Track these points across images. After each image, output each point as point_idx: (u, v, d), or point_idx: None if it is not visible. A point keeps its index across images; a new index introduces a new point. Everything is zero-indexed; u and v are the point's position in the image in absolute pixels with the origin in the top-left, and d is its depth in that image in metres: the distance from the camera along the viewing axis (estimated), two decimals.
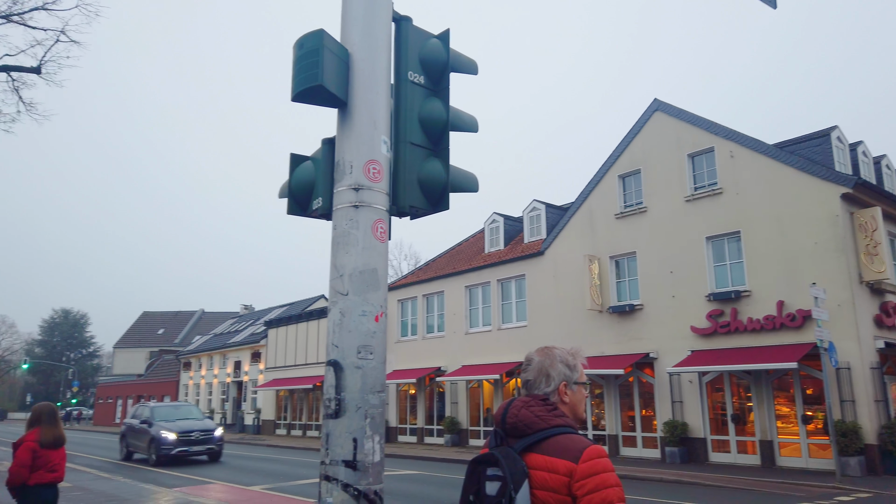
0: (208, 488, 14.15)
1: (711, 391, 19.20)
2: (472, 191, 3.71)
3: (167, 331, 73.83)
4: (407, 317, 30.83)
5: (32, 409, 5.85)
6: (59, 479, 5.62)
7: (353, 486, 2.58)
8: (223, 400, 44.78)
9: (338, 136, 3.29)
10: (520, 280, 25.60)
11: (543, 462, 2.09)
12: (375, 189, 3.12)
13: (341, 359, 2.79)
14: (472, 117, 3.82)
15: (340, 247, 3.03)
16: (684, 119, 20.97)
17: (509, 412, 2.25)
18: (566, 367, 2.36)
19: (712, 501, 11.63)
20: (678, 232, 20.30)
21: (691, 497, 12.32)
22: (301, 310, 40.29)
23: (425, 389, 28.77)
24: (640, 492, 13.11)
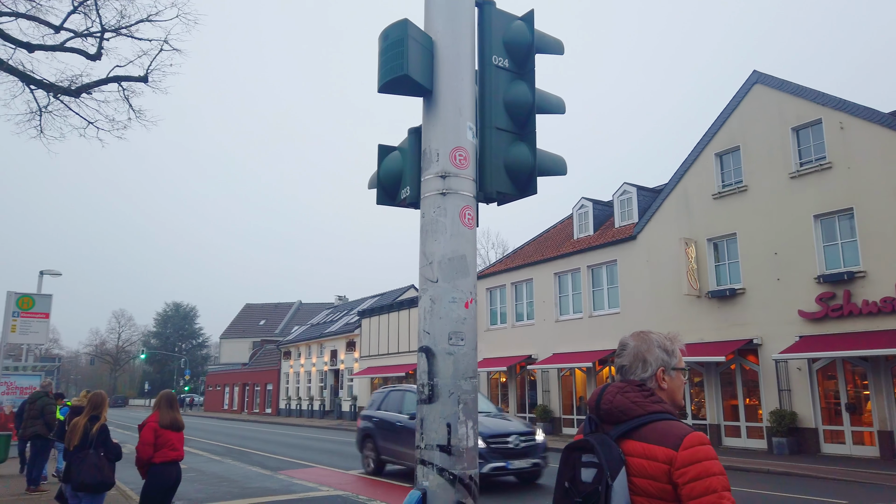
0: (309, 471, 14.79)
1: (823, 379, 18.02)
2: (560, 174, 3.64)
3: (268, 322, 77.59)
4: (496, 305, 30.83)
5: (157, 396, 6.39)
6: (180, 458, 6.06)
7: (448, 471, 2.61)
8: (321, 387, 46.59)
9: (424, 125, 3.32)
10: (611, 266, 24.98)
11: (641, 449, 2.03)
12: (462, 176, 3.13)
13: (433, 345, 2.82)
14: (558, 99, 3.75)
15: (429, 234, 3.06)
16: (787, 90, 19.67)
17: (604, 398, 2.20)
18: (664, 351, 2.28)
19: (827, 494, 10.93)
20: (782, 211, 19.12)
21: (803, 490, 11.64)
22: (392, 300, 41.19)
23: (516, 377, 28.72)
24: (746, 484, 12.54)
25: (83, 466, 6.00)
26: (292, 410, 49.07)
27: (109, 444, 6.22)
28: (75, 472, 5.98)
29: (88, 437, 6.15)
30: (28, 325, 14.29)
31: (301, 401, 48.29)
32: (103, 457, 6.11)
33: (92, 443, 6.12)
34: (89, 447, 6.09)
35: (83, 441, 6.14)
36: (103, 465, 6.07)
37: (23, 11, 11.99)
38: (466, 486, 2.63)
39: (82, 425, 6.21)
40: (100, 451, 6.12)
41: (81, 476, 5.98)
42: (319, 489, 11.91)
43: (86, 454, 6.05)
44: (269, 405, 54.22)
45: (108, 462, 6.12)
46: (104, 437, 6.20)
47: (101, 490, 6.14)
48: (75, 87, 12.68)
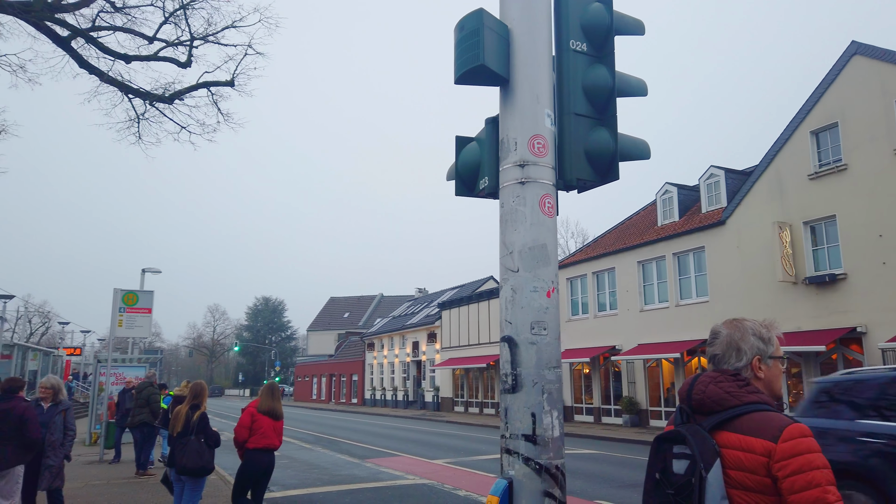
0: (396, 460, 15.12)
1: None
2: (643, 158, 3.54)
3: (352, 314, 79.72)
4: (577, 295, 30.36)
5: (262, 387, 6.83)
6: (273, 447, 6.37)
7: (535, 460, 2.60)
8: (404, 378, 47.45)
9: (501, 114, 3.31)
10: (698, 252, 24.04)
11: (737, 441, 1.96)
12: (541, 164, 3.10)
13: (515, 335, 2.81)
14: (639, 80, 3.64)
15: (508, 224, 3.05)
16: (890, 60, 18.23)
17: (696, 388, 2.13)
18: (759, 339, 2.18)
19: None
20: (888, 190, 17.78)
21: None
22: (472, 291, 41.36)
23: (600, 369, 28.20)
24: None
25: (185, 452, 6.37)
26: (377, 400, 50.26)
27: (209, 431, 6.56)
28: (178, 457, 6.36)
29: (190, 424, 6.51)
30: (133, 319, 15.30)
31: (385, 391, 49.39)
32: (203, 443, 6.45)
33: (193, 429, 6.48)
34: (191, 434, 6.45)
35: (185, 428, 6.51)
36: (203, 451, 6.41)
37: (120, 25, 12.80)
38: (553, 476, 2.61)
39: (184, 413, 6.60)
40: (200, 437, 6.46)
41: (184, 461, 6.35)
42: (406, 477, 12.16)
43: (187, 440, 6.42)
44: (355, 395, 55.76)
45: (207, 448, 6.46)
46: (204, 424, 6.56)
47: (201, 474, 6.49)
48: (169, 94, 13.42)
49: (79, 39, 12.30)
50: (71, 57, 12.40)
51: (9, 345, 25.27)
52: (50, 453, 6.69)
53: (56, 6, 11.55)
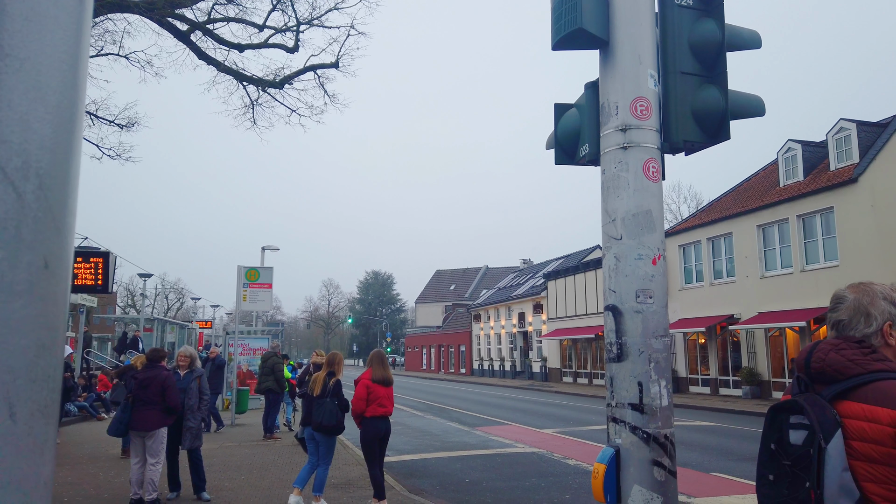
0: (505, 429, 15.34)
1: None
2: (757, 115, 3.33)
3: (457, 286, 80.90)
4: (690, 262, 29.10)
5: (370, 354, 7.14)
6: (388, 413, 6.70)
7: (642, 429, 2.57)
8: (511, 349, 47.73)
9: (601, 78, 3.22)
10: (826, 214, 22.26)
11: (860, 410, 1.85)
12: (644, 127, 3.00)
13: (619, 303, 2.77)
14: (752, 32, 3.41)
15: (611, 191, 2.99)
16: None
17: (814, 356, 2.03)
18: (891, 304, 2.03)
19: None
20: None
21: None
22: (577, 261, 40.69)
23: (716, 338, 26.99)
24: None
25: (322, 412, 6.99)
26: (484, 371, 50.97)
27: (342, 395, 7.14)
28: (316, 417, 6.99)
29: (326, 388, 7.14)
30: (255, 294, 16.37)
31: (492, 361, 49.96)
32: (337, 405, 7.02)
33: (329, 393, 7.09)
34: (327, 397, 7.06)
35: (322, 392, 7.15)
36: (336, 412, 7.00)
37: (232, 16, 13.51)
38: (662, 445, 2.57)
39: (322, 379, 7.24)
40: (334, 400, 7.05)
41: (321, 419, 6.97)
42: (515, 446, 12.33)
43: (324, 402, 7.04)
44: (463, 365, 56.84)
45: (339, 410, 7.03)
46: (338, 389, 7.15)
47: (334, 433, 7.07)
48: (279, 80, 14.07)
49: (197, 32, 13.12)
50: (190, 49, 13.27)
51: (150, 319, 27.95)
52: (189, 416, 7.37)
53: (175, 2, 12.37)
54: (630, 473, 2.54)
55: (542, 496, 7.96)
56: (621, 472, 2.56)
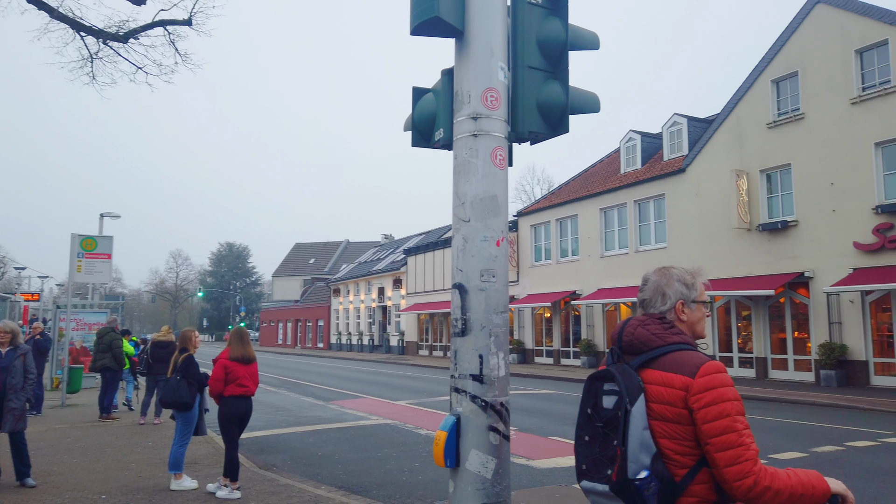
0: (360, 402, 15.51)
1: (876, 311, 17.62)
2: (592, 111, 3.64)
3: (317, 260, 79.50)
4: (540, 241, 30.82)
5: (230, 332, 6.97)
6: (249, 393, 6.52)
7: (481, 398, 2.79)
8: (370, 323, 47.96)
9: (455, 66, 3.36)
10: (658, 200, 24.53)
11: (660, 377, 2.13)
12: (494, 117, 3.18)
13: (465, 282, 2.96)
14: (592, 34, 3.71)
15: (461, 175, 3.15)
16: (852, 9, 18.45)
17: (625, 330, 2.29)
18: (683, 285, 2.34)
19: (872, 426, 10.92)
20: (841, 139, 18.29)
21: (849, 421, 11.65)
22: (437, 237, 41.57)
23: (560, 313, 28.95)
24: (791, 415, 12.60)
25: (165, 388, 6.94)
26: (343, 345, 50.83)
27: (190, 370, 6.94)
28: (160, 394, 6.83)
29: (176, 365, 7.02)
30: (92, 265, 15.08)
31: (351, 336, 49.92)
32: (181, 380, 6.84)
33: (178, 370, 6.93)
34: (177, 374, 6.92)
35: (174, 369, 7.06)
36: (178, 388, 6.81)
37: None
38: (498, 412, 2.81)
39: (174, 358, 7.21)
40: (177, 376, 6.87)
41: (162, 396, 7.04)
42: (369, 418, 12.53)
43: (170, 379, 6.95)
44: (321, 340, 56.25)
45: (187, 385, 6.85)
46: (185, 364, 6.97)
47: (176, 408, 6.87)
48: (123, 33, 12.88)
49: None
50: None
51: None
52: (12, 396, 6.73)
53: None
54: (469, 439, 2.75)
55: (394, 465, 8.21)
56: (461, 438, 2.77)
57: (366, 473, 7.78)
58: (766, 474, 1.94)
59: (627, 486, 2.03)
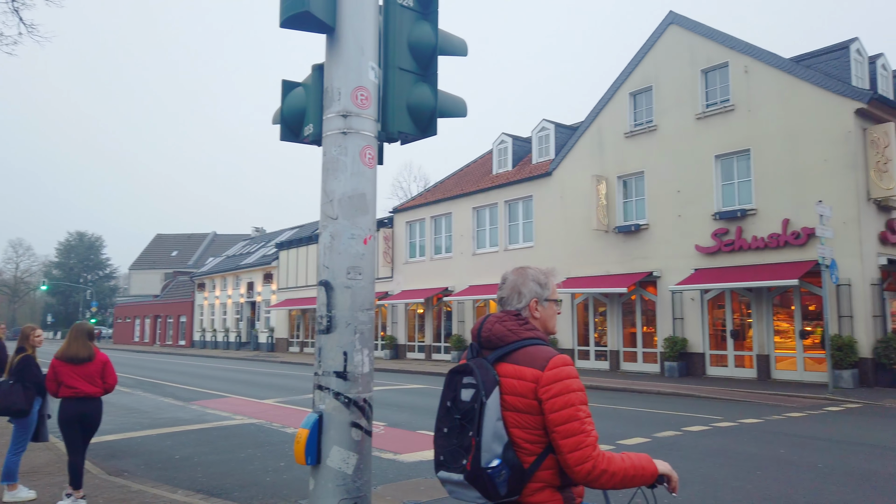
0: (224, 401, 14.89)
1: (713, 308, 19.57)
2: (460, 116, 3.77)
3: (181, 253, 75.03)
4: (415, 238, 31.14)
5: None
6: (81, 395, 5.93)
7: (344, 395, 2.81)
8: (237, 319, 46.05)
9: (326, 63, 3.33)
10: (527, 201, 25.63)
11: (513, 370, 2.26)
12: (364, 115, 3.20)
13: (332, 279, 2.96)
14: (461, 41, 3.82)
15: (330, 173, 3.14)
16: (699, 32, 20.31)
17: (484, 326, 2.41)
18: (538, 284, 2.49)
19: (707, 412, 12.14)
20: (687, 150, 20.10)
21: (688, 408, 12.85)
22: (311, 232, 40.71)
23: (433, 309, 29.43)
24: (639, 404, 13.68)
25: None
26: (207, 342, 48.44)
27: (26, 373, 6.33)
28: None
29: (11, 367, 6.40)
30: None
31: (216, 333, 47.69)
32: (14, 384, 6.25)
33: (12, 372, 6.34)
34: (11, 377, 6.32)
35: (9, 371, 6.43)
36: (11, 392, 6.22)
37: None
38: (361, 408, 2.85)
39: (10, 359, 6.56)
40: (10, 380, 6.28)
41: None
42: (233, 418, 12.07)
43: (3, 383, 6.32)
44: (183, 337, 53.24)
45: (22, 389, 6.24)
46: (20, 366, 6.35)
47: (9, 414, 6.29)
48: None
49: None
50: None
51: None
52: None
53: None
54: (331, 436, 2.76)
55: (258, 465, 7.99)
56: (323, 435, 2.77)
57: (227, 475, 7.50)
58: (603, 459, 2.13)
59: (481, 475, 2.14)
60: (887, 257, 16.84)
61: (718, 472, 7.28)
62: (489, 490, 2.14)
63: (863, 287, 16.27)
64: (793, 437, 9.47)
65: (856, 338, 16.12)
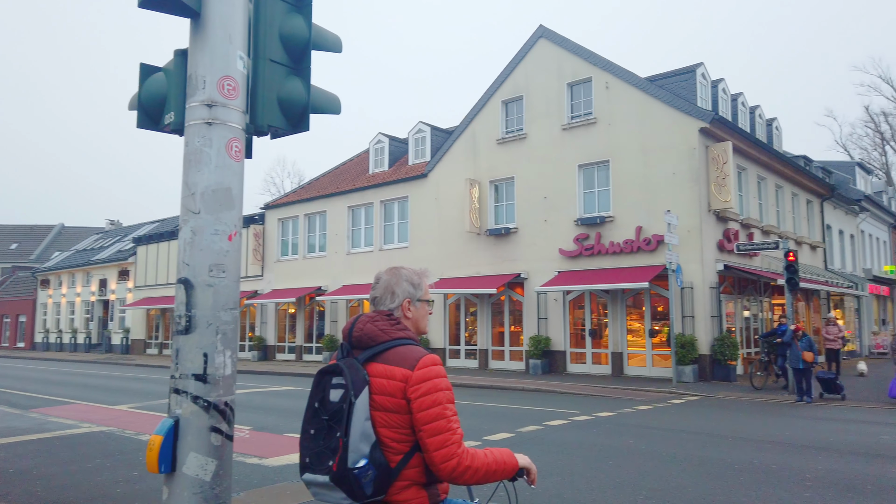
0: (69, 408, 13.64)
1: (574, 308, 20.73)
2: (333, 113, 3.71)
3: (21, 246, 67.74)
4: (288, 236, 30.29)
5: None
6: None
7: (203, 398, 2.68)
8: (87, 319, 42.38)
9: (190, 49, 3.16)
10: (403, 202, 25.76)
11: (383, 370, 2.27)
12: (230, 106, 3.07)
13: (192, 277, 2.81)
14: (336, 37, 3.77)
15: (192, 164, 2.98)
16: (567, 48, 21.43)
17: (356, 326, 2.40)
18: (411, 285, 2.52)
19: (565, 406, 12.84)
20: (554, 159, 21.15)
21: (549, 403, 13.52)
22: (174, 226, 38.31)
23: (305, 308, 28.79)
24: (505, 400, 14.19)
25: None
26: (51, 344, 44.17)
27: None
28: None
29: None
30: None
31: (62, 334, 43.59)
32: None
33: None
34: None
35: None
36: None
37: None
38: (221, 412, 2.72)
39: None
40: None
41: None
42: (80, 426, 11.09)
43: None
44: (22, 339, 48.16)
45: None
46: None
47: None
48: None
49: None
50: None
51: None
52: None
53: None
54: (188, 442, 2.62)
55: (107, 476, 7.40)
56: (179, 441, 2.62)
57: (72, 488, 6.88)
58: (467, 455, 2.19)
59: (347, 475, 2.14)
60: (724, 263, 18.70)
61: (575, 463, 7.72)
62: (355, 490, 2.14)
63: (703, 290, 17.96)
64: (641, 429, 10.26)
65: (696, 336, 17.76)
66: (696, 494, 6.26)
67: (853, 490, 6.43)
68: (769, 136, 26.22)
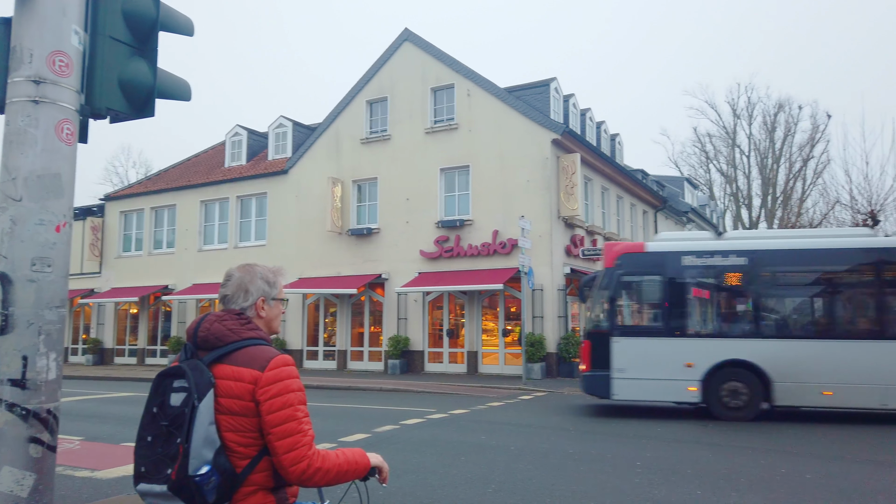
0: None
1: (433, 309, 21.12)
2: (183, 99, 3.51)
3: None
4: (131, 230, 28.07)
5: None
6: None
7: (21, 406, 2.42)
8: None
9: (15, 17, 2.85)
10: (261, 198, 24.83)
11: (231, 372, 2.18)
12: (62, 85, 2.80)
13: (10, 271, 2.53)
14: (187, 19, 3.57)
15: (14, 146, 2.69)
16: (431, 53, 21.80)
17: (202, 326, 2.28)
18: (266, 283, 2.44)
19: (422, 405, 13.04)
20: (417, 161, 21.41)
21: (406, 403, 13.66)
22: None
23: (149, 308, 26.83)
24: (362, 401, 14.13)
25: None
26: None
27: None
28: None
29: None
30: None
31: None
32: None
33: None
34: None
35: None
36: None
37: None
38: (43, 421, 2.47)
39: None
40: None
41: None
42: None
43: None
44: None
45: None
46: None
47: None
48: None
49: None
50: None
51: None
52: None
53: None
54: (2, 454, 2.35)
55: None
56: None
57: None
58: (317, 457, 2.15)
59: (187, 483, 2.03)
60: (570, 267, 19.96)
61: (429, 460, 7.86)
62: (196, 499, 2.04)
63: (552, 292, 19.04)
64: (493, 424, 10.67)
65: (545, 335, 18.79)
66: (540, 485, 6.62)
67: (677, 473, 7.13)
68: (612, 150, 28.37)
